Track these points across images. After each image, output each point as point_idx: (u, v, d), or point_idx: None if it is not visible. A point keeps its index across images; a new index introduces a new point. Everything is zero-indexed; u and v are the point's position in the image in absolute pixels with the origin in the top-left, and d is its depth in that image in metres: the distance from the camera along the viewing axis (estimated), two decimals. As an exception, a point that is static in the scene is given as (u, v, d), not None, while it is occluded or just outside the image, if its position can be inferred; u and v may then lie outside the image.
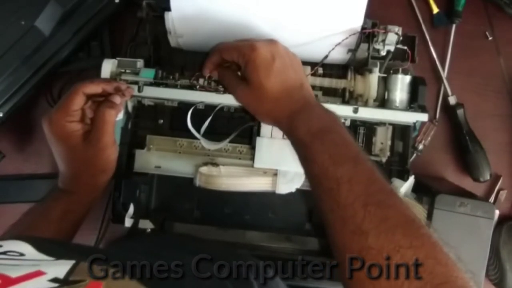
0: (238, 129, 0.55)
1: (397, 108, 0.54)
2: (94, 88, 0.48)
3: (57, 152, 0.49)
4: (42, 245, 0.31)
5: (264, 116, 0.49)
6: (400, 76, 0.54)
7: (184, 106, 0.54)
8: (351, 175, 0.37)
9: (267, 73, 0.46)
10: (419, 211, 0.51)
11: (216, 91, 0.52)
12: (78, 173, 0.50)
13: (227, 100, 0.51)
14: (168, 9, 0.51)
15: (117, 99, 0.49)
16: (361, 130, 0.56)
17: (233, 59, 0.49)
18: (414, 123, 0.54)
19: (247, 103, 0.49)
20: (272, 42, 0.47)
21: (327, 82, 0.56)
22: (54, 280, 0.25)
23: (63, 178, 0.51)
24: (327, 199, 0.37)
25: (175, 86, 0.53)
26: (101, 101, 0.49)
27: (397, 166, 0.56)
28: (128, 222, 0.53)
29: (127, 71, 0.53)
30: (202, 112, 0.54)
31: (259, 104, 0.48)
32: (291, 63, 0.48)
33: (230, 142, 0.55)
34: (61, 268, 0.26)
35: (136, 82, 0.52)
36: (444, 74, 0.64)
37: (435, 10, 0.65)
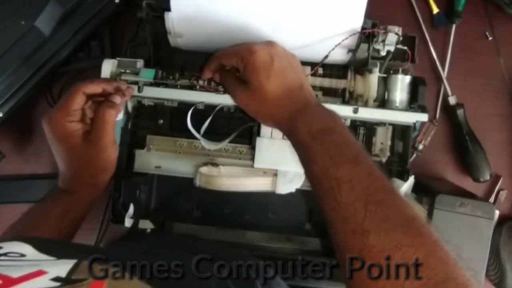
0: (238, 129, 0.55)
1: (397, 108, 0.54)
2: (94, 88, 0.48)
3: (57, 152, 0.49)
4: (42, 245, 0.31)
5: (264, 118, 0.49)
6: (400, 76, 0.54)
7: (184, 106, 0.54)
8: (352, 175, 0.37)
9: (266, 75, 0.46)
10: (419, 211, 0.51)
11: (216, 91, 0.52)
12: (78, 173, 0.50)
13: (227, 100, 0.51)
14: (168, 9, 0.51)
15: (117, 99, 0.49)
16: (361, 130, 0.57)
17: (232, 64, 0.49)
18: (414, 123, 0.54)
19: (247, 105, 0.49)
20: (270, 43, 0.47)
21: (327, 82, 0.56)
22: (56, 279, 0.25)
23: (63, 177, 0.51)
24: (327, 199, 0.37)
25: (175, 86, 0.53)
26: (101, 101, 0.49)
27: (397, 166, 0.56)
28: (128, 222, 0.53)
29: (127, 71, 0.53)
30: (202, 112, 0.54)
31: (259, 106, 0.48)
32: (290, 63, 0.48)
33: (230, 142, 0.55)
34: (62, 267, 0.26)
35: (136, 82, 0.52)
36: (444, 74, 0.64)
37: (435, 10, 0.65)
